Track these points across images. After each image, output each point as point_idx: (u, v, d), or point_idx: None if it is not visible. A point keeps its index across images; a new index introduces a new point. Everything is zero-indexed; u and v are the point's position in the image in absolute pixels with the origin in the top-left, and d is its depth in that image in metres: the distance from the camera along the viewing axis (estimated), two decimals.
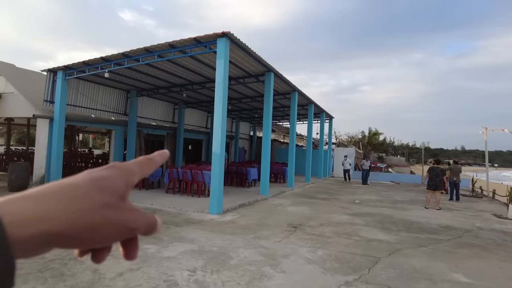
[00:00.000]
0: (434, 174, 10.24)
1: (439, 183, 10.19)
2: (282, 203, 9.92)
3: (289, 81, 11.91)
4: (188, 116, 18.32)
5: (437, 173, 10.20)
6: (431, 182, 10.26)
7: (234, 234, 5.94)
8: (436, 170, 10.31)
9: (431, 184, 10.26)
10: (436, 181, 10.15)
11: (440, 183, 10.21)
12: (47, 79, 10.72)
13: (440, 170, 10.38)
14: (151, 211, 7.58)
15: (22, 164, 9.60)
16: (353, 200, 11.34)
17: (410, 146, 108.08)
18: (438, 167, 10.45)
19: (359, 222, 7.72)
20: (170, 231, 5.93)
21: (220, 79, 7.73)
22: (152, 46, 8.55)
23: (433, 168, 10.43)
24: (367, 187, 16.43)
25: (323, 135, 20.22)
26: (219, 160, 7.62)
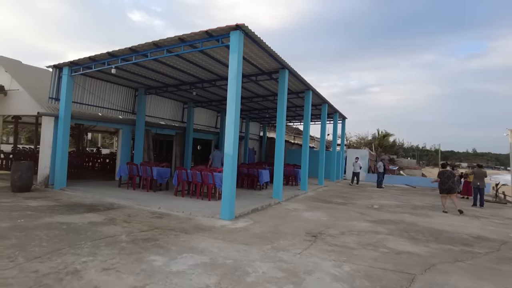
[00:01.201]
0: (446, 177, 10.04)
1: (453, 185, 9.97)
2: (297, 208, 9.36)
3: (303, 79, 11.34)
4: (197, 115, 17.86)
5: (448, 176, 10.02)
6: (443, 186, 10.05)
7: (248, 244, 5.40)
8: (447, 173, 10.13)
9: (443, 188, 10.05)
10: (449, 184, 9.94)
11: (454, 185, 10.01)
12: (53, 76, 10.33)
13: (450, 172, 10.21)
14: (158, 216, 7.10)
15: (26, 164, 9.21)
16: (371, 205, 10.72)
17: (420, 148, 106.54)
18: (448, 170, 10.30)
19: (382, 230, 7.12)
20: (178, 240, 5.42)
21: (233, 74, 7.21)
22: (161, 40, 8.07)
23: (443, 171, 10.23)
24: (383, 191, 15.75)
25: (336, 136, 19.57)
26: (231, 161, 7.09)
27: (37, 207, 7.33)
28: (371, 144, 37.57)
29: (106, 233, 5.57)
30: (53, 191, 9.79)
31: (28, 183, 9.21)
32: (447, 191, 10.01)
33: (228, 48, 7.72)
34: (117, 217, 6.87)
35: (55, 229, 5.63)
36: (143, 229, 5.96)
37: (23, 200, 8.11)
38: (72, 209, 7.34)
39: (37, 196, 8.73)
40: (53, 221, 6.18)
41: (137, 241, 5.21)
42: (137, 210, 7.73)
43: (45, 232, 5.41)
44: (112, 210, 7.59)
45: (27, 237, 5.05)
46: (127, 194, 9.63)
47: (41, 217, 6.40)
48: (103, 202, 8.46)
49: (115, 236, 5.39)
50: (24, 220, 6.10)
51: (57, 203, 8.01)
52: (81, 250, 4.59)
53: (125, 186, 10.99)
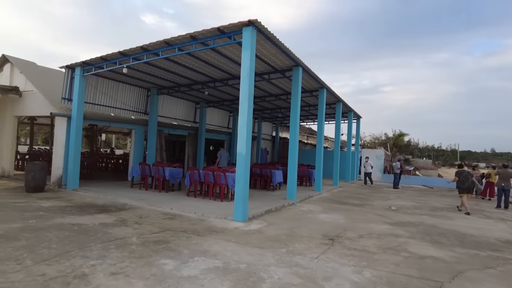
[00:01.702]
0: (464, 177, 10.00)
1: (471, 185, 10.00)
2: (312, 209, 9.08)
3: (317, 76, 11.04)
4: (209, 115, 17.74)
5: (466, 176, 10.00)
6: (462, 185, 9.96)
7: (263, 248, 5.17)
8: (465, 172, 10.10)
9: (463, 187, 9.96)
10: (468, 184, 9.93)
11: (472, 185, 10.07)
12: (65, 76, 10.33)
13: (468, 172, 10.22)
14: (170, 217, 6.94)
15: (39, 164, 9.22)
16: (388, 207, 10.36)
17: (435, 148, 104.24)
18: (466, 170, 10.28)
19: (402, 233, 6.78)
20: (190, 242, 5.24)
21: (245, 72, 6.99)
22: (172, 38, 7.93)
23: (462, 171, 10.17)
24: (399, 192, 15.29)
25: (351, 136, 19.14)
26: (244, 162, 6.87)
27: (49, 208, 7.28)
28: (386, 144, 36.86)
29: (116, 235, 5.43)
30: (66, 191, 9.78)
31: (41, 183, 9.21)
32: (467, 190, 9.94)
33: (240, 45, 7.51)
34: (129, 218, 6.74)
35: (66, 230, 5.52)
36: (154, 231, 5.80)
37: (36, 200, 8.09)
38: (84, 210, 7.26)
39: (50, 197, 8.71)
40: (64, 222, 6.09)
41: (147, 243, 5.05)
42: (149, 211, 7.60)
43: (56, 233, 5.31)
44: (124, 211, 7.48)
45: (37, 239, 4.95)
46: (139, 195, 9.54)
47: (53, 218, 6.33)
48: (115, 203, 8.38)
49: (125, 238, 5.24)
50: (36, 221, 6.03)
51: (69, 203, 7.96)
52: (90, 253, 4.45)
53: (137, 186, 10.91)
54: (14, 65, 12.15)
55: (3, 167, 12.23)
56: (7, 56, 12.24)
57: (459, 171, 10.23)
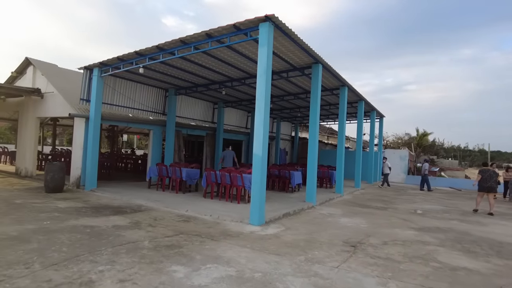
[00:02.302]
0: (488, 176, 9.74)
1: (494, 184, 9.73)
2: (332, 213, 8.68)
3: (338, 74, 10.62)
4: (227, 115, 17.59)
5: (490, 175, 9.72)
6: (485, 184, 9.74)
7: (279, 255, 4.87)
8: (489, 171, 9.82)
9: (484, 186, 9.74)
10: (491, 183, 9.69)
11: (495, 184, 9.81)
12: (84, 77, 10.40)
13: (493, 171, 9.88)
14: (185, 219, 6.76)
15: (58, 165, 9.29)
16: (414, 210, 9.81)
17: (461, 149, 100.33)
18: (490, 169, 9.97)
19: (430, 240, 6.31)
20: (203, 247, 5.00)
21: (262, 69, 6.71)
22: (187, 36, 7.76)
23: (486, 169, 9.94)
24: (425, 194, 14.58)
25: (374, 135, 18.48)
26: (261, 163, 6.59)
27: (65, 209, 7.25)
28: (410, 144, 35.61)
29: (128, 238, 5.28)
30: (84, 192, 9.82)
31: (60, 184, 9.28)
32: (488, 189, 9.73)
33: (257, 42, 7.27)
34: (143, 220, 6.60)
35: (78, 232, 5.42)
36: (167, 234, 5.62)
37: (54, 201, 8.11)
38: (99, 211, 7.19)
39: (68, 197, 8.74)
40: (77, 224, 6.01)
41: (159, 248, 4.86)
42: (164, 213, 7.45)
43: (68, 235, 5.21)
44: (139, 212, 7.36)
45: (48, 241, 4.86)
46: (156, 196, 9.44)
47: (67, 220, 6.27)
48: (130, 204, 8.29)
49: (137, 242, 5.07)
50: (50, 222, 5.98)
51: (85, 204, 7.93)
52: (100, 257, 4.29)
53: (154, 187, 10.85)
54: (37, 68, 12.38)
55: (26, 167, 12.50)
56: (30, 59, 12.49)
57: (483, 169, 10.01)
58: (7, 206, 7.20)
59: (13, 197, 8.40)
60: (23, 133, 12.83)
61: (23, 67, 12.96)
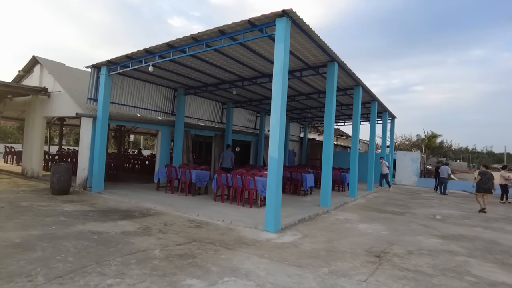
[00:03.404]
0: (487, 178, 10.56)
1: (491, 186, 10.56)
2: (349, 218, 8.29)
3: (353, 73, 10.24)
4: (236, 116, 17.25)
5: (488, 177, 10.58)
6: (484, 185, 10.51)
7: (301, 266, 4.51)
8: (488, 174, 10.66)
9: (484, 187, 10.53)
10: (489, 184, 10.51)
11: (492, 186, 10.58)
12: (91, 76, 10.13)
13: (491, 174, 10.76)
14: (196, 225, 6.42)
15: (64, 166, 9.02)
16: (432, 216, 9.39)
17: (469, 150, 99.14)
18: (489, 171, 10.83)
19: (457, 249, 5.90)
20: (219, 257, 4.66)
21: (279, 67, 6.36)
22: (199, 33, 7.43)
23: (485, 172, 10.73)
24: (441, 198, 14.10)
25: (386, 137, 18.02)
26: (276, 166, 6.24)
27: (72, 212, 6.96)
28: (419, 145, 34.98)
29: (138, 246, 4.95)
30: (91, 194, 9.54)
31: (66, 185, 9.01)
32: (486, 190, 10.50)
33: (272, 39, 6.97)
34: (153, 225, 6.28)
35: (85, 239, 5.11)
36: (179, 242, 5.28)
37: (60, 203, 7.83)
38: (106, 215, 6.89)
39: (74, 200, 8.46)
40: (84, 229, 5.70)
41: (172, 257, 4.53)
42: (174, 217, 7.12)
43: (74, 242, 4.90)
44: (148, 217, 7.05)
45: (54, 249, 4.55)
46: (165, 199, 9.14)
47: (74, 224, 5.96)
48: (139, 207, 7.99)
49: (147, 251, 4.75)
50: (56, 228, 5.68)
51: (92, 208, 7.63)
52: (108, 269, 3.97)
53: (163, 189, 10.54)
54: (44, 66, 12.17)
55: (33, 168, 12.28)
56: (37, 57, 12.28)
57: (483, 171, 10.80)
58: (12, 209, 6.93)
59: (18, 199, 8.14)
60: (30, 133, 12.61)
61: (30, 65, 12.76)
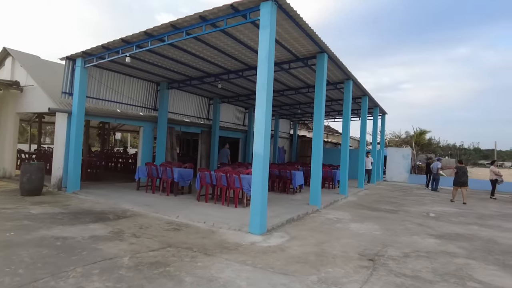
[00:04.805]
0: (462, 172, 11.37)
1: (466, 179, 11.35)
2: (340, 217, 7.85)
3: (344, 65, 9.79)
4: (223, 112, 16.69)
5: (464, 172, 11.39)
6: (459, 179, 11.34)
7: (287, 274, 4.03)
8: (463, 168, 11.54)
9: (459, 181, 11.34)
10: (464, 178, 11.31)
11: (467, 179, 11.38)
12: (66, 68, 9.45)
13: (466, 168, 11.63)
14: (175, 227, 5.88)
15: (35, 165, 8.37)
16: (426, 213, 9.04)
17: (457, 147, 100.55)
18: (464, 166, 11.75)
19: (456, 250, 5.51)
20: (195, 265, 4.14)
21: (264, 55, 5.86)
22: (179, 20, 6.87)
23: (461, 166, 11.66)
24: (433, 195, 13.82)
25: (376, 133, 17.72)
26: (262, 163, 5.74)
27: (38, 215, 6.34)
28: (409, 142, 34.94)
29: (106, 252, 4.41)
30: (65, 194, 8.90)
31: (38, 186, 8.36)
32: (461, 184, 11.30)
33: (257, 26, 6.47)
34: (127, 229, 5.73)
35: (46, 246, 4.53)
36: (153, 247, 4.75)
37: (28, 205, 7.19)
38: (77, 218, 6.30)
39: (46, 201, 7.82)
40: (48, 234, 5.11)
41: (142, 266, 4.00)
42: (152, 219, 6.57)
43: (32, 250, 4.32)
44: (123, 219, 6.48)
45: (5, 260, 3.97)
46: (145, 199, 8.56)
47: (37, 229, 5.37)
48: (115, 209, 7.40)
49: (115, 258, 4.20)
50: (15, 233, 5.08)
51: (64, 209, 7.02)
52: (64, 282, 3.42)
53: (144, 189, 9.96)
54: (16, 59, 11.39)
55: (5, 167, 11.50)
56: (8, 49, 11.50)
57: (459, 166, 11.73)
58: None
59: None
60: (2, 130, 11.81)
61: (1, 58, 11.95)
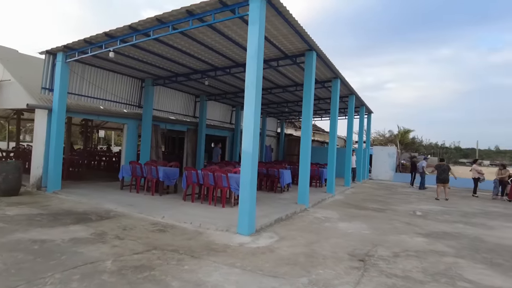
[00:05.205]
0: (442, 170, 11.75)
1: (447, 176, 11.73)
2: (328, 216, 7.80)
3: (332, 64, 9.75)
4: (210, 110, 16.46)
5: (444, 169, 11.77)
6: (440, 176, 11.73)
7: (277, 276, 3.92)
8: (443, 166, 11.89)
9: (440, 178, 11.74)
10: (444, 176, 11.68)
11: (448, 176, 11.75)
12: (46, 63, 9.07)
13: (447, 166, 11.96)
14: (160, 228, 5.69)
15: (12, 164, 8.00)
16: (413, 212, 9.11)
17: (439, 146, 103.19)
18: (444, 164, 12.09)
19: (444, 249, 5.52)
20: (182, 268, 3.98)
21: (253, 51, 5.70)
22: (165, 14, 6.65)
23: (441, 165, 12.02)
24: (419, 193, 13.99)
25: (362, 132, 17.84)
26: (251, 162, 5.60)
27: (15, 217, 6.03)
28: (394, 141, 35.45)
29: (87, 256, 4.19)
30: (45, 194, 8.54)
31: (15, 185, 7.98)
32: (442, 181, 11.72)
33: (246, 22, 6.34)
34: (110, 230, 5.50)
35: (21, 250, 4.28)
36: (137, 250, 4.55)
37: (4, 207, 6.84)
38: (57, 219, 6.02)
39: (23, 202, 7.47)
40: (24, 237, 4.84)
41: (125, 270, 3.81)
42: (136, 220, 6.35)
43: (6, 255, 4.07)
44: (106, 220, 6.24)
45: None
46: (129, 199, 8.31)
47: (13, 232, 5.08)
48: (98, 209, 7.13)
49: (97, 263, 4.00)
50: None
51: (43, 210, 6.71)
52: None
53: (128, 188, 9.68)
54: None
55: None
56: None
57: (438, 164, 12.16)
58: None
59: None
60: None
61: None
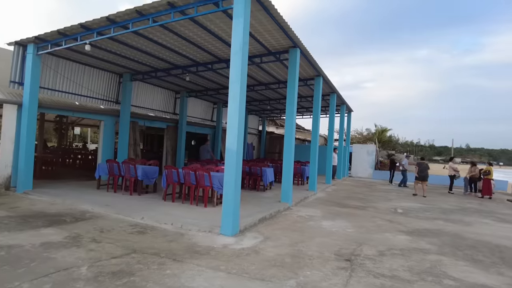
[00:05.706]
0: (423, 168, 12.29)
1: (427, 175, 12.31)
2: (312, 214, 7.75)
3: (315, 62, 9.71)
4: (191, 107, 16.13)
5: (424, 167, 12.31)
6: (421, 173, 12.26)
7: (263, 280, 3.78)
8: (423, 164, 12.43)
9: (421, 175, 12.27)
10: (424, 173, 12.23)
11: (427, 175, 12.35)
12: (15, 55, 8.55)
13: (426, 164, 12.52)
14: (140, 230, 5.44)
15: None
16: (394, 209, 9.23)
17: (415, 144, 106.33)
18: (425, 162, 12.64)
19: (427, 247, 5.57)
20: (163, 273, 3.78)
21: (237, 46, 5.52)
22: (145, 6, 6.36)
23: (421, 162, 12.55)
24: (398, 191, 14.25)
25: (343, 130, 18.00)
26: (235, 160, 5.43)
27: None
28: (373, 139, 36.15)
29: (60, 262, 3.91)
30: (15, 195, 8.04)
31: None
32: (422, 178, 12.23)
33: (229, 16, 6.16)
34: (85, 233, 5.19)
35: None
36: (115, 254, 4.30)
37: None
38: (27, 222, 5.64)
39: None
40: None
41: (103, 277, 3.57)
42: (114, 221, 6.06)
43: None
44: (82, 221, 5.91)
45: None
46: (106, 199, 7.96)
47: None
48: (73, 210, 6.77)
49: (71, 269, 3.73)
50: None
51: (11, 212, 6.29)
52: None
53: (105, 188, 9.29)
54: None
55: None
56: None
57: (419, 162, 12.69)
58: None
59: None
60: None
61: None
